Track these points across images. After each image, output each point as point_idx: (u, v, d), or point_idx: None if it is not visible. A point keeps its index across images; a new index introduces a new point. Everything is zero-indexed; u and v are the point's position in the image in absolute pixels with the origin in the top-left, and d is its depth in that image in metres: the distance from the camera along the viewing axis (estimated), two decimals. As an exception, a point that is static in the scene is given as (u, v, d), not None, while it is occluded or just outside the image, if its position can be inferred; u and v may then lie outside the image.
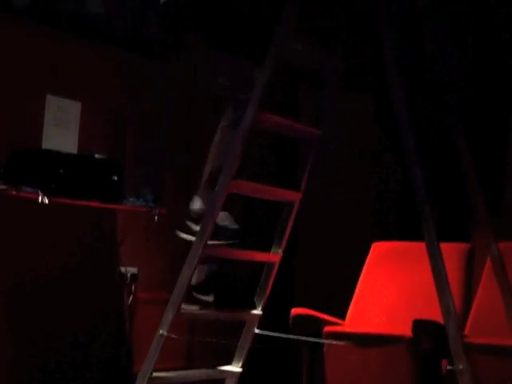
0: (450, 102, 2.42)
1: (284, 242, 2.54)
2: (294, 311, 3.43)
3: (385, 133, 4.73)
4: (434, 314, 2.42)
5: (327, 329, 3.39)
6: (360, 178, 5.16)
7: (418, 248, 2.38)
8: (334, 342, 3.09)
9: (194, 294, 2.48)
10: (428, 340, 2.97)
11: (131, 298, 4.07)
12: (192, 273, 2.27)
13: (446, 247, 2.20)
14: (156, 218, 3.92)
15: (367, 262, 3.92)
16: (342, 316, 3.72)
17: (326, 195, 4.94)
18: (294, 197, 2.52)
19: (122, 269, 4.05)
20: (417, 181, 2.11)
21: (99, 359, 3.86)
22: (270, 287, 2.53)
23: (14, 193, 3.30)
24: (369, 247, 3.99)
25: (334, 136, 3.14)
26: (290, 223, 2.54)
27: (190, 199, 2.52)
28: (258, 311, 2.52)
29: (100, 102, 4.04)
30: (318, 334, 3.25)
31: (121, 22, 4.26)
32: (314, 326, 3.33)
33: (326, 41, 2.58)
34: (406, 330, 3.16)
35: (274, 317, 2.98)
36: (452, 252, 3.57)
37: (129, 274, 4.05)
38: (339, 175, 5.14)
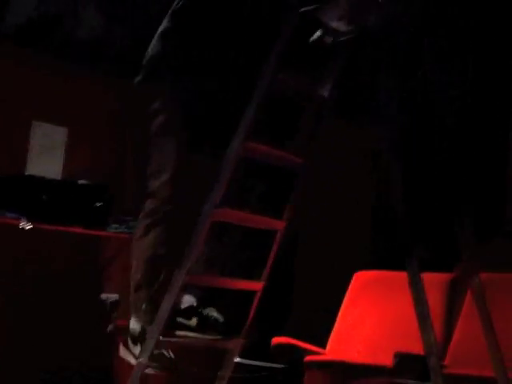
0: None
1: (267, 271, 2.55)
2: (275, 340, 3.42)
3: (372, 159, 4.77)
4: (416, 345, 2.42)
5: (308, 358, 3.39)
6: (344, 208, 5.18)
7: (401, 277, 2.39)
8: (314, 370, 3.08)
9: (177, 319, 2.47)
10: (409, 372, 2.97)
11: (111, 325, 4.04)
12: (173, 303, 2.26)
13: (428, 277, 2.22)
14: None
15: (349, 290, 3.93)
16: (325, 345, 3.72)
17: (312, 224, 4.95)
18: (279, 226, 2.53)
19: (103, 296, 4.03)
20: (398, 210, 2.13)
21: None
22: (252, 315, 2.52)
23: (-4, 218, 3.29)
24: (351, 276, 4.00)
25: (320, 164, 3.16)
26: (274, 251, 2.54)
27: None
28: (240, 339, 2.51)
29: (86, 127, 4.05)
30: (299, 363, 3.24)
31: (107, 48, 4.29)
32: (294, 355, 3.33)
33: (313, 71, 2.61)
34: (386, 361, 3.16)
35: (259, 346, 2.98)
36: (434, 282, 3.58)
37: (109, 301, 4.03)
38: (323, 204, 5.17)
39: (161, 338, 2.25)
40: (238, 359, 2.50)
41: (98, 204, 3.72)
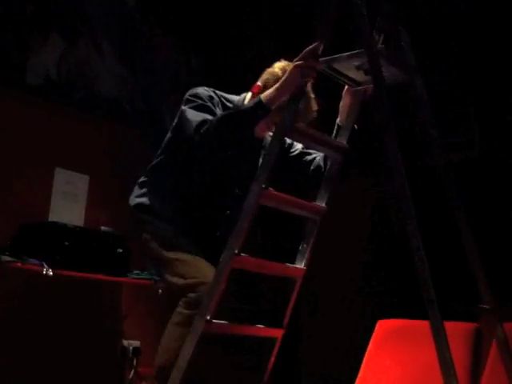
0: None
1: (287, 320, 2.53)
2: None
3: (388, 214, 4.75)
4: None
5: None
6: (362, 255, 5.15)
7: (424, 327, 2.35)
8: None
9: None
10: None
11: (132, 372, 4.01)
12: (193, 350, 2.24)
13: (451, 327, 2.18)
14: (160, 291, 3.90)
15: (372, 340, 3.86)
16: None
17: (328, 270, 4.92)
18: (298, 272, 2.52)
19: (125, 342, 4.02)
20: (420, 259, 2.10)
21: None
22: (272, 362, 2.50)
23: (19, 265, 3.30)
24: (374, 325, 3.95)
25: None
26: (293, 299, 2.53)
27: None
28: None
29: (108, 175, 4.10)
30: None
31: (129, 102, 4.37)
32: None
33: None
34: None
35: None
36: (458, 332, 3.52)
37: (131, 348, 4.01)
38: (340, 251, 5.14)
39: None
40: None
41: (120, 250, 3.73)
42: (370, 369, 3.76)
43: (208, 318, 2.26)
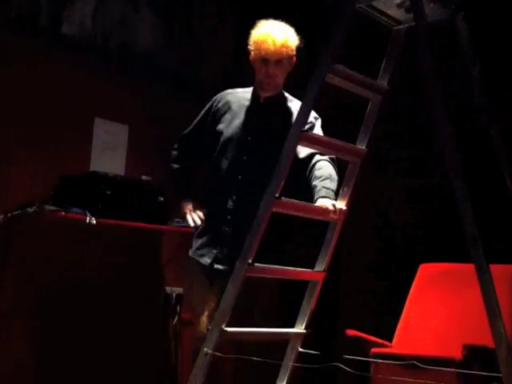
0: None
1: (327, 263, 2.53)
2: (347, 332, 3.40)
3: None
4: (485, 337, 2.36)
5: (374, 350, 3.35)
6: (405, 200, 5.09)
7: (468, 270, 2.32)
8: (382, 362, 3.04)
9: None
10: (479, 365, 2.90)
11: (176, 318, 4.08)
12: (236, 292, 2.26)
13: (496, 269, 2.15)
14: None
15: (414, 283, 3.86)
16: (388, 339, 3.67)
17: (369, 216, 4.89)
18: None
19: (168, 289, 4.07)
20: (464, 203, 2.07)
21: (144, 381, 3.87)
22: (313, 306, 2.51)
23: (62, 214, 3.34)
24: (416, 269, 3.93)
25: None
26: (334, 243, 2.52)
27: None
28: (301, 330, 2.50)
29: (147, 125, 4.10)
30: (365, 356, 3.20)
31: (168, 58, 4.34)
32: (360, 348, 3.29)
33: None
34: (455, 353, 3.09)
35: (318, 338, 2.94)
36: (503, 274, 3.49)
37: (174, 295, 4.07)
38: (383, 196, 5.10)
39: (224, 327, 2.26)
40: (301, 349, 2.49)
41: (161, 199, 3.75)
42: (413, 311, 3.76)
43: (250, 261, 2.27)
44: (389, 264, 4.86)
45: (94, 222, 3.37)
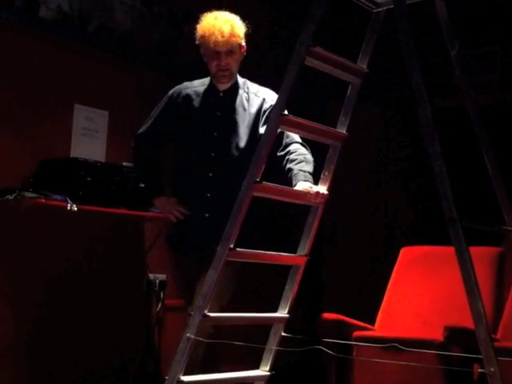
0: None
1: (309, 247, 2.53)
2: (324, 316, 3.41)
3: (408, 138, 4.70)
4: (465, 318, 2.38)
5: (357, 333, 3.37)
6: (388, 182, 5.12)
7: (448, 252, 2.34)
8: (363, 345, 3.06)
9: None
10: (460, 346, 2.93)
11: (160, 305, 4.08)
12: (217, 277, 2.27)
13: (476, 251, 2.17)
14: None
15: (396, 266, 3.88)
16: (371, 322, 3.69)
17: (353, 200, 4.91)
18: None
19: (151, 276, 4.07)
20: (443, 185, 2.08)
21: (127, 366, 3.87)
22: (295, 290, 2.51)
23: (42, 201, 3.32)
24: (397, 252, 3.96)
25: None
26: (315, 226, 2.53)
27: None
28: (284, 314, 2.51)
29: (127, 111, 4.07)
30: (347, 339, 3.22)
31: (146, 41, 4.29)
32: (342, 331, 3.30)
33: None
34: (436, 335, 3.12)
35: (301, 322, 2.95)
36: (482, 256, 3.52)
37: (157, 281, 4.07)
38: (368, 179, 5.12)
39: (206, 312, 2.26)
40: (284, 333, 2.49)
41: (142, 185, 3.72)
42: (395, 293, 3.79)
43: (231, 246, 2.27)
44: (373, 248, 4.89)
45: (75, 208, 3.34)
